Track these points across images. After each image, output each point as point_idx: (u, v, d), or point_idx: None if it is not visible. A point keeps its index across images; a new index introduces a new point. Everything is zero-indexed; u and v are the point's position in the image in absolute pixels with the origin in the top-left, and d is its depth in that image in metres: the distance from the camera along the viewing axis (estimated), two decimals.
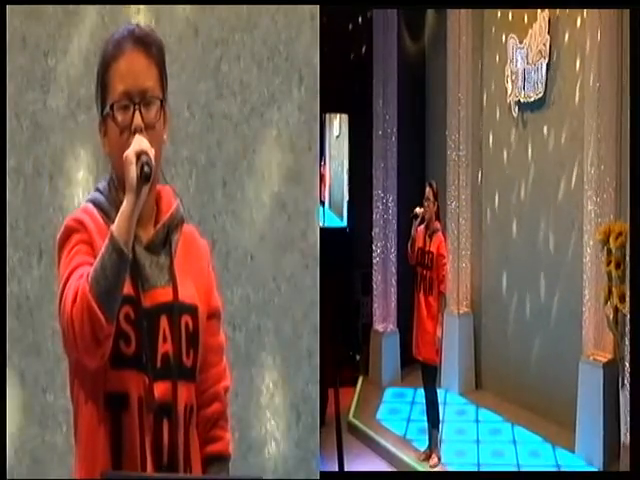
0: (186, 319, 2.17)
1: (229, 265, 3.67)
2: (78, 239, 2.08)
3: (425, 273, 6.07)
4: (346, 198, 9.15)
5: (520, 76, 7.27)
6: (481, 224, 7.94)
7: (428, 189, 6.08)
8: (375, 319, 8.25)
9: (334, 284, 6.01)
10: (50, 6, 3.66)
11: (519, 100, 7.34)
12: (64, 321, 1.98)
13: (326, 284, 3.92)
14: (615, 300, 5.78)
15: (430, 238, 6.11)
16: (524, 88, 7.24)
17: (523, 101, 7.29)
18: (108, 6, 3.64)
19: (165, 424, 2.11)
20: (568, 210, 6.78)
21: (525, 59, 7.21)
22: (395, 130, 8.20)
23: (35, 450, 3.70)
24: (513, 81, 7.39)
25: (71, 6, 3.66)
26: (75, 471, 2.15)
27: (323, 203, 9.06)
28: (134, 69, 2.12)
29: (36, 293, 3.69)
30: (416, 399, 7.38)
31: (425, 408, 6.23)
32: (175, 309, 2.14)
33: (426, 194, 6.08)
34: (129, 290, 2.06)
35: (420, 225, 6.15)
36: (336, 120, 9.49)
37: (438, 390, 6.47)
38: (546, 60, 6.98)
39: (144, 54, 2.13)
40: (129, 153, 2.03)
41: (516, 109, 7.42)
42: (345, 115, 9.15)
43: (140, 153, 2.03)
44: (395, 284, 8.16)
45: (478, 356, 7.89)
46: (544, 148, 7.15)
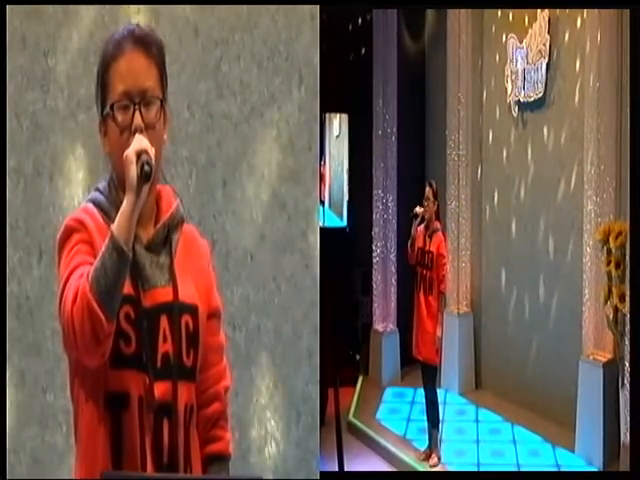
0: (186, 319, 2.17)
1: (229, 265, 3.67)
2: (78, 239, 2.08)
3: (425, 273, 6.07)
4: (346, 198, 9.14)
5: (520, 76, 7.27)
6: (481, 224, 7.93)
7: (428, 189, 6.08)
8: (375, 319, 8.24)
9: (334, 284, 6.01)
10: (50, 6, 3.66)
11: (519, 100, 7.34)
12: (64, 320, 1.98)
13: (326, 284, 3.91)
14: (615, 300, 5.78)
15: (430, 238, 6.10)
16: (524, 88, 7.24)
17: (523, 101, 7.29)
18: (108, 6, 3.64)
19: (165, 424, 2.11)
20: (568, 210, 6.77)
21: (525, 59, 7.20)
22: (395, 130, 8.19)
23: (35, 450, 3.70)
24: (513, 81, 7.39)
25: (71, 6, 3.66)
26: (75, 471, 2.16)
27: (323, 203, 9.05)
28: (134, 69, 2.12)
29: (36, 293, 3.69)
30: (416, 399, 7.37)
31: (425, 408, 6.23)
32: (175, 309, 2.14)
33: (426, 194, 6.07)
34: (129, 290, 2.06)
35: (420, 225, 6.15)
36: (336, 120, 9.49)
37: (438, 390, 6.47)
38: (546, 60, 6.98)
39: (144, 54, 2.14)
40: (129, 152, 2.03)
41: (516, 109, 7.42)
42: (345, 115, 9.14)
43: (140, 152, 2.03)
44: (395, 284, 8.16)
45: (478, 356, 7.88)
46: (544, 148, 7.14)
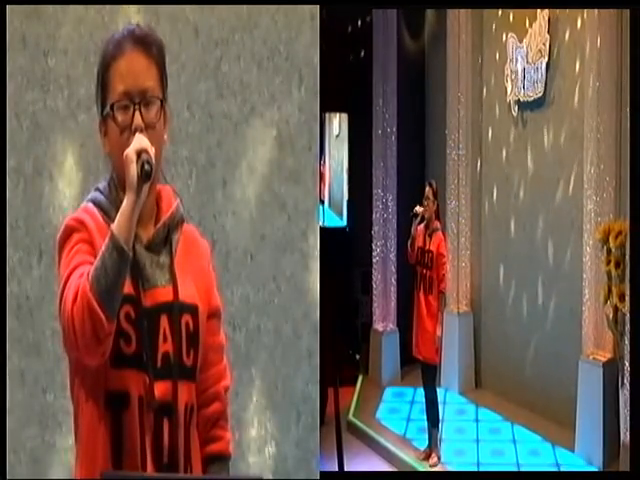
0: (186, 319, 2.17)
1: (229, 265, 3.67)
2: (78, 238, 2.08)
3: (425, 272, 6.07)
4: (346, 197, 9.13)
5: (520, 75, 7.27)
6: (481, 223, 7.93)
7: (428, 188, 6.08)
8: (375, 318, 8.24)
9: (334, 283, 6.01)
10: (50, 6, 3.66)
11: (519, 99, 7.34)
12: (64, 320, 1.98)
13: (326, 283, 3.91)
14: (615, 299, 5.78)
15: (430, 237, 6.10)
16: (524, 87, 7.24)
17: (523, 100, 7.29)
18: (108, 6, 3.63)
19: (165, 424, 2.11)
20: (568, 209, 6.77)
21: (525, 58, 7.20)
22: (395, 129, 8.19)
23: (35, 450, 3.69)
24: (513, 80, 7.39)
25: (71, 6, 3.65)
26: (75, 470, 2.16)
27: (323, 202, 9.04)
28: (134, 69, 2.12)
29: (36, 293, 3.69)
30: (416, 398, 7.38)
31: (425, 407, 6.23)
32: (175, 308, 2.14)
33: (426, 193, 6.07)
34: (129, 289, 2.07)
35: (420, 224, 6.15)
36: (336, 119, 9.48)
37: (438, 389, 6.47)
38: (546, 59, 6.98)
39: (144, 54, 2.14)
40: (129, 151, 2.03)
41: (516, 108, 7.42)
42: (345, 114, 9.13)
43: (140, 151, 2.03)
44: (395, 283, 8.16)
45: (478, 355, 7.89)
46: (544, 147, 7.14)
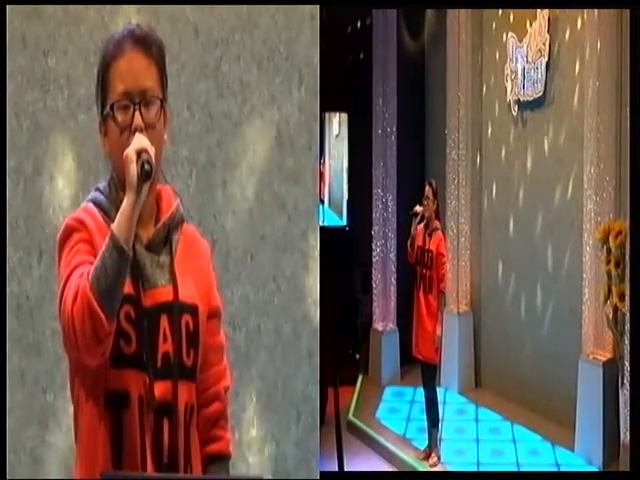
0: (186, 319, 2.17)
1: (229, 265, 3.66)
2: (78, 238, 2.08)
3: (425, 272, 6.07)
4: (346, 197, 9.13)
5: (520, 75, 7.27)
6: (480, 223, 7.94)
7: (428, 188, 6.08)
8: (375, 318, 8.25)
9: (334, 283, 6.01)
10: (50, 6, 3.65)
11: (519, 99, 7.34)
12: (64, 319, 1.98)
13: (326, 283, 3.91)
14: (615, 299, 5.78)
15: (430, 237, 6.10)
16: (524, 87, 7.24)
17: (523, 100, 7.30)
18: (108, 6, 3.63)
19: (165, 423, 2.11)
20: (568, 209, 6.77)
21: (525, 58, 7.20)
22: (395, 129, 8.20)
23: (35, 450, 3.69)
24: (513, 80, 7.39)
25: (71, 6, 3.65)
26: (75, 470, 2.16)
27: (323, 202, 9.04)
28: (134, 69, 2.12)
29: (36, 293, 3.69)
30: (416, 398, 7.38)
31: (425, 407, 6.23)
32: (175, 308, 2.14)
33: (426, 193, 6.07)
34: (129, 289, 2.07)
35: (420, 224, 6.15)
36: (336, 119, 9.48)
37: (438, 389, 6.48)
38: (546, 59, 6.98)
39: (144, 54, 2.14)
40: (129, 151, 2.03)
41: (516, 108, 7.42)
42: (345, 114, 9.13)
43: (140, 151, 2.04)
44: (395, 283, 8.16)
45: (478, 355, 7.89)
46: (544, 147, 7.14)
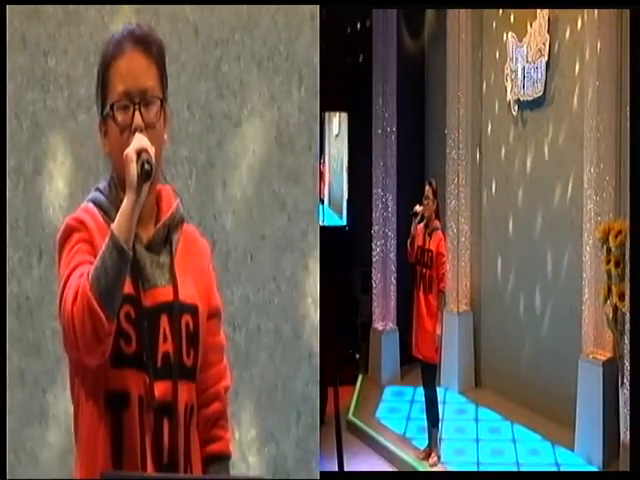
0: (186, 319, 2.17)
1: (229, 265, 3.66)
2: (79, 238, 2.08)
3: (425, 271, 6.07)
4: (345, 196, 9.13)
5: (520, 75, 7.27)
6: (480, 222, 7.94)
7: (428, 187, 6.08)
8: (375, 317, 8.25)
9: (334, 283, 6.01)
10: (50, 6, 3.66)
11: (519, 99, 7.34)
12: (64, 319, 1.98)
13: (325, 283, 3.91)
14: (614, 298, 5.78)
15: (430, 236, 6.10)
16: (524, 87, 7.24)
17: (523, 100, 7.30)
18: (108, 6, 3.63)
19: (165, 423, 2.11)
20: (568, 209, 6.78)
21: (525, 58, 7.21)
22: (395, 129, 8.19)
23: (35, 450, 3.70)
24: (512, 80, 7.39)
25: (71, 6, 3.65)
26: (75, 470, 2.15)
27: (322, 201, 9.04)
28: (134, 69, 2.12)
29: (36, 293, 3.69)
30: (415, 397, 7.38)
31: (424, 406, 6.23)
32: (175, 309, 2.14)
33: (425, 192, 6.07)
34: (129, 289, 2.07)
35: (420, 223, 6.15)
36: (335, 118, 9.48)
37: (438, 388, 6.48)
38: (546, 59, 6.98)
39: (144, 54, 2.14)
40: (129, 151, 2.03)
41: (515, 108, 7.42)
42: (345, 113, 9.13)
43: (140, 151, 2.04)
44: (395, 282, 8.16)
45: (478, 354, 7.89)
46: (543, 147, 7.14)
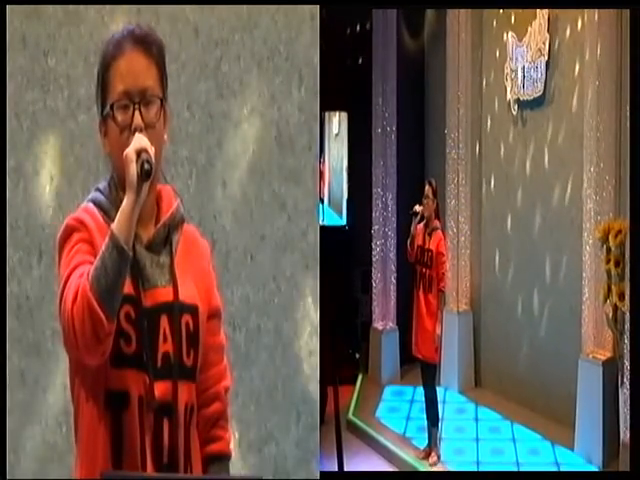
0: (186, 319, 2.17)
1: (229, 265, 3.67)
2: (79, 238, 2.08)
3: (424, 271, 6.07)
4: (345, 196, 9.13)
5: (519, 74, 7.27)
6: (480, 222, 7.93)
7: (427, 187, 6.07)
8: (374, 317, 8.24)
9: (334, 282, 6.01)
10: (50, 6, 3.66)
11: (518, 98, 7.34)
12: (65, 319, 1.98)
13: (325, 282, 3.91)
14: (614, 298, 5.78)
15: (429, 236, 6.10)
16: (523, 86, 7.24)
17: (522, 99, 7.30)
18: (108, 6, 3.63)
19: (165, 423, 2.11)
20: (567, 208, 6.78)
21: (525, 57, 7.20)
22: (394, 128, 8.19)
23: (35, 450, 3.70)
24: (512, 79, 7.39)
25: (71, 6, 3.65)
26: (75, 470, 2.16)
27: (322, 201, 9.03)
28: (134, 69, 2.12)
29: (36, 293, 3.69)
30: (415, 397, 7.38)
31: (424, 406, 6.23)
32: (175, 309, 2.14)
33: (425, 192, 6.07)
34: (129, 289, 2.07)
35: (419, 223, 6.14)
36: (335, 118, 9.47)
37: (437, 388, 6.48)
38: (545, 58, 6.98)
39: (144, 54, 2.14)
40: (129, 151, 2.03)
41: (515, 107, 7.42)
42: (344, 113, 9.12)
43: (140, 151, 2.04)
44: (394, 282, 8.16)
45: (477, 354, 7.89)
46: (543, 146, 7.14)
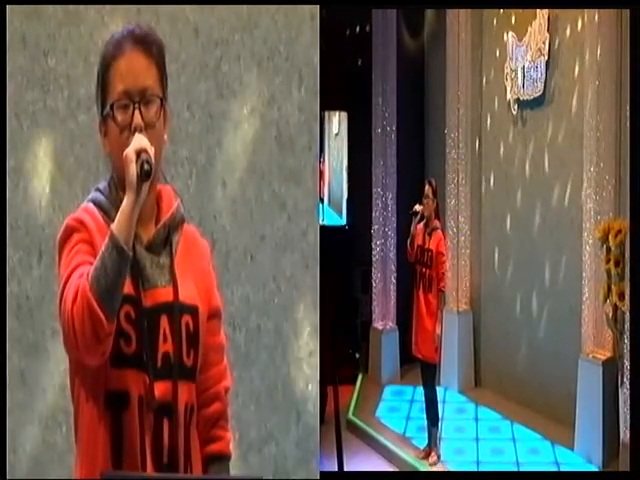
0: (186, 319, 2.17)
1: (229, 265, 3.67)
2: (79, 238, 2.09)
3: (424, 271, 6.06)
4: (345, 196, 9.13)
5: (519, 74, 7.27)
6: (480, 222, 7.93)
7: (427, 187, 6.07)
8: (374, 317, 8.24)
9: (334, 282, 6.00)
10: (50, 6, 3.66)
11: (518, 98, 7.34)
12: (65, 320, 1.98)
13: (325, 282, 3.91)
14: (614, 298, 5.77)
15: (429, 236, 6.10)
16: (523, 86, 7.24)
17: (522, 99, 7.29)
18: (108, 6, 3.63)
19: (165, 424, 2.11)
20: (567, 208, 6.78)
21: (524, 57, 7.21)
22: (394, 128, 8.19)
23: (35, 450, 3.70)
24: (512, 79, 7.39)
25: (71, 6, 3.65)
26: (75, 470, 2.16)
27: (322, 200, 9.02)
28: (134, 69, 2.12)
29: (36, 293, 3.69)
30: (415, 397, 7.38)
31: (424, 406, 6.23)
32: (175, 309, 2.14)
33: (425, 192, 6.07)
34: (129, 290, 2.07)
35: (419, 223, 6.14)
36: (335, 118, 9.47)
37: (437, 388, 6.48)
38: (545, 58, 6.98)
39: (144, 54, 2.14)
40: (129, 151, 2.03)
41: (515, 107, 7.42)
42: (344, 113, 9.12)
43: (140, 151, 2.04)
44: (394, 282, 8.16)
45: (477, 354, 7.89)
46: (543, 146, 7.14)
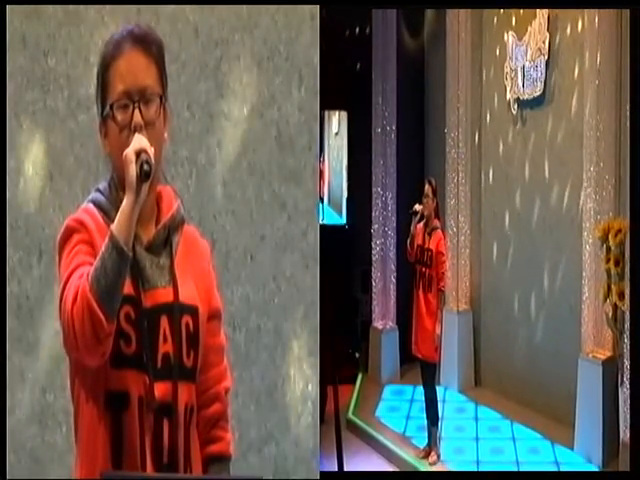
0: (186, 319, 2.17)
1: (229, 265, 3.67)
2: (79, 239, 2.09)
3: (424, 270, 6.06)
4: (345, 195, 9.13)
5: (519, 73, 7.27)
6: (480, 221, 7.93)
7: (427, 186, 6.07)
8: (374, 316, 8.25)
9: (333, 282, 6.00)
10: (50, 6, 3.65)
11: (518, 97, 7.34)
12: (64, 320, 1.98)
13: (325, 282, 3.91)
14: (614, 297, 5.78)
15: (429, 235, 6.10)
16: (523, 85, 7.25)
17: (522, 98, 7.30)
18: (108, 6, 3.63)
19: (165, 424, 2.12)
20: (567, 207, 6.78)
21: (524, 57, 7.21)
22: (394, 127, 8.19)
23: (35, 450, 3.69)
24: (512, 78, 7.39)
25: (71, 6, 3.65)
26: (75, 470, 2.16)
27: (322, 200, 9.04)
28: (133, 68, 2.12)
29: (36, 293, 3.69)
30: (415, 396, 7.39)
31: (424, 405, 6.23)
32: (175, 309, 2.15)
33: (425, 191, 6.07)
34: (129, 290, 2.07)
35: (419, 222, 6.14)
36: (335, 117, 9.48)
37: (437, 387, 6.48)
38: (545, 58, 6.98)
39: (143, 53, 2.14)
40: (128, 151, 2.03)
41: (515, 106, 7.42)
42: (344, 112, 9.13)
43: (139, 151, 2.04)
44: (394, 281, 8.16)
45: (477, 353, 7.89)
46: (543, 145, 7.14)
